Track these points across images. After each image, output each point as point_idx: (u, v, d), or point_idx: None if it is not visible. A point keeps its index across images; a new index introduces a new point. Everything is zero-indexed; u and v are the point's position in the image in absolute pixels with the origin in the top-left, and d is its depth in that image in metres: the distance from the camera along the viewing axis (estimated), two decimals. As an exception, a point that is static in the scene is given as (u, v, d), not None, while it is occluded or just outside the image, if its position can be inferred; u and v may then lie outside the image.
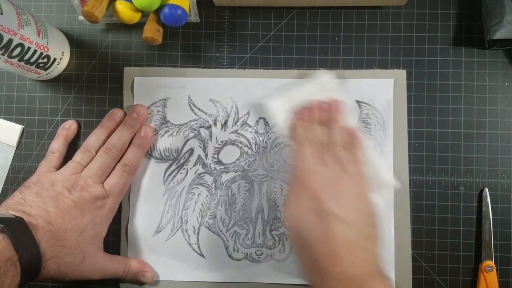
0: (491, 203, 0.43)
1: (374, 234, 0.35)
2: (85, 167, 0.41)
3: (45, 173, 0.40)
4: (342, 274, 0.32)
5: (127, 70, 0.45)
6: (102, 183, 0.41)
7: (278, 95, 0.43)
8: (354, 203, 0.35)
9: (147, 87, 0.45)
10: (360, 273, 0.32)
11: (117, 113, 0.43)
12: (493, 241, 0.43)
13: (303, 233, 0.34)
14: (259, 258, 0.43)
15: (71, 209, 0.37)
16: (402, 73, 0.44)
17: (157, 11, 0.42)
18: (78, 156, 0.41)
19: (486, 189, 0.43)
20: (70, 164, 0.41)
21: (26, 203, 0.36)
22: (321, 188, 0.35)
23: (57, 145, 0.43)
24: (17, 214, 0.34)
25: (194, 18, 0.45)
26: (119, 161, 0.42)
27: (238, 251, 0.44)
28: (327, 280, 0.32)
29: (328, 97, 0.42)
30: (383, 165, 0.42)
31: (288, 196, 0.38)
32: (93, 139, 0.42)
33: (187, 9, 0.41)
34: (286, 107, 0.42)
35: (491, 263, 0.42)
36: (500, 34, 0.42)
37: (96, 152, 0.42)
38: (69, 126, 0.44)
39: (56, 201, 0.37)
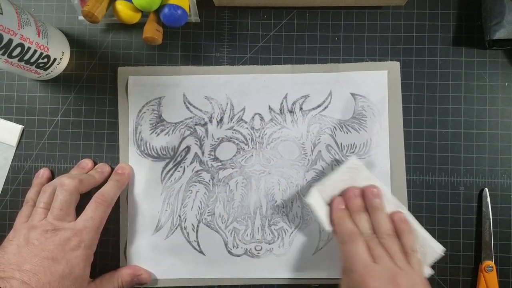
0: (491, 203, 0.43)
1: None
2: (48, 210, 0.40)
3: (20, 225, 0.39)
4: None
5: (121, 70, 0.45)
6: (76, 219, 0.39)
7: (312, 190, 0.41)
8: None
9: (142, 86, 0.45)
10: None
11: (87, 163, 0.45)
12: (493, 241, 0.43)
13: None
14: (258, 253, 0.44)
15: (43, 261, 0.36)
16: (395, 65, 0.44)
17: (157, 11, 0.42)
18: (41, 202, 0.40)
19: (486, 189, 0.43)
20: (36, 211, 0.40)
21: (0, 267, 0.35)
22: None
23: (32, 195, 0.43)
24: None
25: (194, 18, 0.45)
26: (95, 191, 0.41)
27: (237, 247, 0.44)
28: None
29: (362, 182, 0.41)
30: (427, 234, 0.41)
31: None
32: (57, 179, 0.41)
33: (187, 9, 0.41)
34: (322, 201, 0.41)
35: (491, 263, 0.42)
36: (500, 34, 0.42)
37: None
38: (42, 175, 0.44)
39: (29, 257, 0.36)
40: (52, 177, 0.45)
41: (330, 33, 0.45)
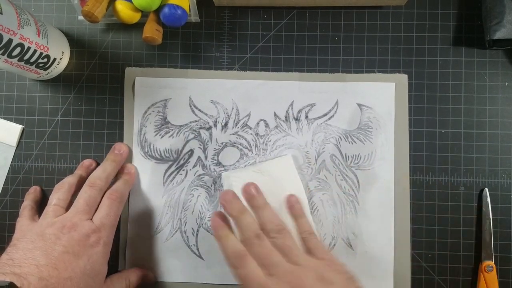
0: (491, 203, 0.43)
1: None
2: (64, 207, 0.39)
3: (26, 226, 0.38)
4: None
5: (129, 70, 0.45)
6: (91, 218, 0.39)
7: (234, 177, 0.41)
8: None
9: (148, 87, 0.45)
10: None
11: (90, 163, 0.44)
12: (493, 241, 0.43)
13: None
14: None
15: (63, 255, 0.34)
16: (403, 77, 0.44)
17: (157, 11, 0.42)
18: (54, 199, 0.39)
19: (486, 189, 0.43)
20: (49, 209, 0.39)
21: (14, 263, 0.33)
22: None
23: (27, 202, 0.43)
24: (7, 278, 0.31)
25: (194, 18, 0.45)
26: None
27: None
28: None
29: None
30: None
31: None
32: (66, 178, 0.42)
33: (187, 9, 0.41)
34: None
35: (491, 263, 0.42)
36: (500, 34, 0.42)
37: (73, 189, 0.41)
38: (34, 191, 0.44)
39: (46, 251, 0.34)
40: (43, 195, 0.45)
41: (330, 33, 0.45)
